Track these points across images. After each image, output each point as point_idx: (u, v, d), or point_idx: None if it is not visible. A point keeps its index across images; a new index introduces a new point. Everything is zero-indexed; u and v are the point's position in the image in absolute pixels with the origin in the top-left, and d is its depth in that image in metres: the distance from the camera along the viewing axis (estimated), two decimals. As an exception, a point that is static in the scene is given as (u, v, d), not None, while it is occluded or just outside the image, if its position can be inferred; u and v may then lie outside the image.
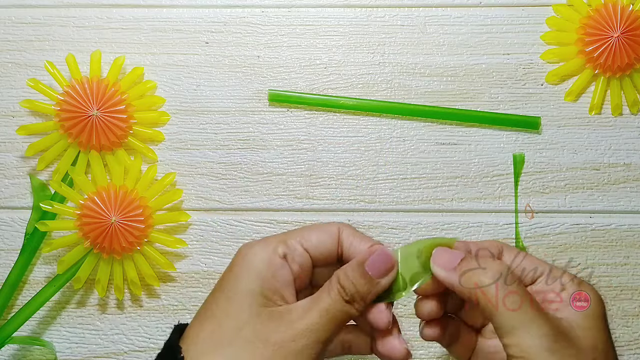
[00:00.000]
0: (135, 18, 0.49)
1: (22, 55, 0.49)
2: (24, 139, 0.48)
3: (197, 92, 0.49)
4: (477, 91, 0.48)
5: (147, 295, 0.48)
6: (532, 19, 0.49)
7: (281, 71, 0.49)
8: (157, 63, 0.49)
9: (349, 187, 0.48)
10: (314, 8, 0.49)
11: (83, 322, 0.47)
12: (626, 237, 0.47)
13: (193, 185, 0.48)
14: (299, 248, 0.33)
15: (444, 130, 0.48)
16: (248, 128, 0.49)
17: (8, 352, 0.47)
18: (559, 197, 0.48)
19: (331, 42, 0.49)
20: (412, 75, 0.49)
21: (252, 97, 0.49)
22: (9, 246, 0.48)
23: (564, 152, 0.48)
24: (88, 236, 0.45)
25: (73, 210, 0.46)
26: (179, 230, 0.48)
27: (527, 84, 0.48)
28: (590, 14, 0.47)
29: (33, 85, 0.47)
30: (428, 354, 0.47)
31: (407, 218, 0.48)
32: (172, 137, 0.48)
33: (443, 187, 0.48)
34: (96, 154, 0.47)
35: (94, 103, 0.46)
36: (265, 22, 0.49)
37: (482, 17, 0.49)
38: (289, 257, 0.33)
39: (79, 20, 0.49)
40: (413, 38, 0.49)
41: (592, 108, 0.48)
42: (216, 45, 0.49)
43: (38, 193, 0.47)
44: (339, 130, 0.48)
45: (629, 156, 0.48)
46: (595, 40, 0.46)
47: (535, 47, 0.49)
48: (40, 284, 0.47)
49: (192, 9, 0.49)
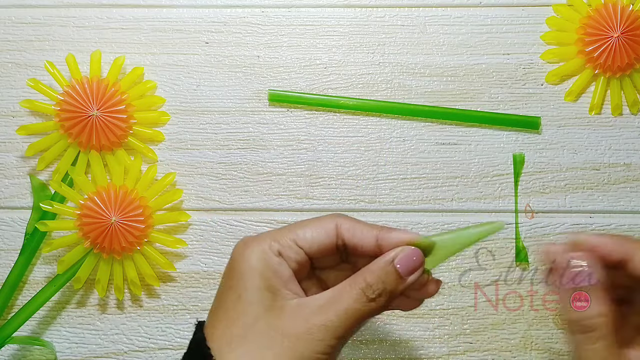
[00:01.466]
0: (135, 18, 0.49)
1: (22, 55, 0.49)
2: (24, 139, 0.48)
3: (197, 92, 0.49)
4: (477, 91, 0.48)
5: (147, 295, 0.48)
6: (532, 19, 0.49)
7: (281, 71, 0.49)
8: (157, 63, 0.49)
9: (349, 187, 0.48)
10: (314, 8, 0.49)
11: (83, 322, 0.47)
12: (626, 237, 0.47)
13: (193, 185, 0.48)
14: (293, 246, 0.33)
15: (444, 130, 0.48)
16: (248, 128, 0.49)
17: (8, 352, 0.47)
18: (559, 197, 0.48)
19: (331, 42, 0.49)
20: (412, 75, 0.49)
21: (252, 97, 0.49)
22: (9, 246, 0.48)
23: (564, 152, 0.48)
24: (88, 236, 0.45)
25: (73, 210, 0.46)
26: (179, 230, 0.48)
27: (527, 84, 0.48)
28: (590, 14, 0.47)
29: (33, 85, 0.47)
30: (428, 354, 0.47)
31: (407, 218, 0.48)
32: (172, 137, 0.48)
33: (443, 187, 0.48)
34: (96, 154, 0.47)
35: (94, 103, 0.46)
36: (265, 22, 0.49)
37: (482, 17, 0.49)
38: (285, 255, 0.33)
39: (79, 20, 0.49)
40: (413, 38, 0.49)
41: (592, 108, 0.48)
42: (216, 45, 0.49)
43: (38, 193, 0.47)
44: (339, 130, 0.48)
45: (629, 156, 0.48)
46: (595, 40, 0.46)
47: (535, 47, 0.49)
48: (40, 284, 0.47)
49: (192, 9, 0.49)
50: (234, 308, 0.32)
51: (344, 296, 0.32)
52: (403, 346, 0.47)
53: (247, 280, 0.32)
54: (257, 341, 0.31)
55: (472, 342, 0.47)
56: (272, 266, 0.33)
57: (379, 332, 0.47)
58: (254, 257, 0.33)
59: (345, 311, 0.31)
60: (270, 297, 0.32)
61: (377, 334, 0.47)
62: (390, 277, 0.32)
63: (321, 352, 0.31)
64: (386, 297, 0.32)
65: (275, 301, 0.32)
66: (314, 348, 0.31)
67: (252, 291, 0.32)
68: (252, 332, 0.31)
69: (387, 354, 0.47)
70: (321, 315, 0.31)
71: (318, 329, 0.31)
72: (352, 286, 0.32)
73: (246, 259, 0.33)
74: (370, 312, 0.32)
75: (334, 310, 0.31)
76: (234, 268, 0.33)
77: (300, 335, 0.31)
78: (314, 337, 0.31)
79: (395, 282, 0.32)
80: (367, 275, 0.32)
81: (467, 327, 0.47)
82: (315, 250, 0.34)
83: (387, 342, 0.47)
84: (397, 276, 0.32)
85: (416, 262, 0.33)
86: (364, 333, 0.47)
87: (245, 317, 0.32)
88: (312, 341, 0.31)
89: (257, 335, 0.31)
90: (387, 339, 0.47)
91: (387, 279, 0.32)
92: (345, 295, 0.32)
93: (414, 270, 0.33)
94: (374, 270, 0.32)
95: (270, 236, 0.34)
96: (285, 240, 0.33)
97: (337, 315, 0.31)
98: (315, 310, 0.32)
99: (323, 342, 0.31)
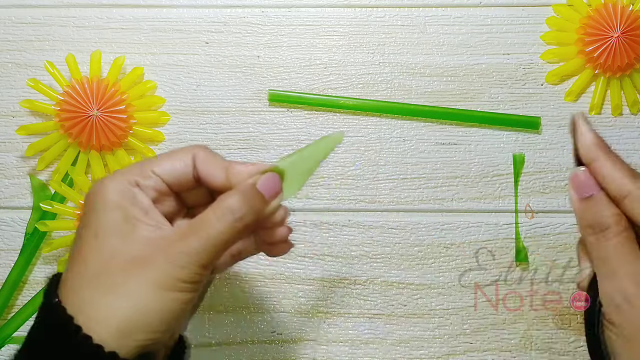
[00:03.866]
0: (135, 18, 0.49)
1: (22, 55, 0.49)
2: (24, 139, 0.48)
3: (197, 92, 0.49)
4: (477, 91, 0.48)
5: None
6: (532, 19, 0.49)
7: (281, 71, 0.49)
8: (157, 63, 0.49)
9: (349, 187, 0.48)
10: (314, 8, 0.49)
11: (83, 322, 0.47)
12: (626, 237, 0.47)
13: (193, 185, 0.48)
14: (151, 175, 0.32)
15: (444, 130, 0.48)
16: (248, 128, 0.49)
17: (8, 352, 0.47)
18: (559, 197, 0.48)
19: (331, 42, 0.49)
20: (412, 75, 0.49)
21: (252, 97, 0.49)
22: (9, 246, 0.48)
23: (564, 152, 0.48)
24: (88, 236, 0.45)
25: (73, 210, 0.46)
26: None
27: (527, 84, 0.48)
28: (590, 14, 0.47)
29: (33, 85, 0.47)
30: (428, 354, 0.47)
31: (407, 218, 0.48)
32: (172, 137, 0.48)
33: (443, 187, 0.48)
34: (96, 154, 0.47)
35: (94, 103, 0.46)
36: (265, 22, 0.49)
37: (482, 17, 0.49)
38: (142, 184, 0.32)
39: (79, 20, 0.49)
40: (413, 38, 0.49)
41: (592, 108, 0.48)
42: (216, 45, 0.49)
43: (38, 193, 0.47)
44: (339, 131, 0.48)
45: (629, 156, 0.48)
46: (595, 40, 0.46)
47: (535, 47, 0.49)
48: (40, 284, 0.47)
49: (192, 9, 0.49)
50: (89, 247, 0.30)
51: (206, 221, 0.30)
52: (403, 346, 0.47)
53: (102, 214, 0.31)
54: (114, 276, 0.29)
55: (472, 342, 0.47)
56: (128, 197, 0.31)
57: (379, 332, 0.47)
58: (109, 190, 0.31)
59: (207, 235, 0.30)
60: (129, 229, 0.30)
61: (377, 334, 0.47)
62: (255, 198, 0.32)
63: (184, 279, 0.29)
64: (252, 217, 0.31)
65: (134, 232, 0.30)
66: (176, 275, 0.29)
67: (109, 225, 0.30)
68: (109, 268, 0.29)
69: (387, 354, 0.47)
70: (182, 242, 0.30)
71: (178, 255, 0.29)
72: (215, 210, 0.31)
73: (101, 194, 0.31)
74: (233, 235, 0.31)
75: (197, 236, 0.30)
76: (89, 206, 0.31)
77: (160, 265, 0.29)
78: (176, 264, 0.29)
79: (260, 203, 0.32)
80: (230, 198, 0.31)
81: (467, 327, 0.47)
82: (174, 179, 0.33)
83: (387, 342, 0.47)
84: (262, 198, 0.32)
85: (276, 185, 0.33)
86: (364, 333, 0.47)
87: (101, 254, 0.30)
88: (173, 269, 0.29)
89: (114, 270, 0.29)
90: (387, 339, 0.47)
91: (252, 199, 0.31)
92: (207, 221, 0.30)
93: (276, 194, 0.33)
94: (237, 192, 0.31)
95: (125, 170, 0.33)
96: (141, 170, 0.32)
97: (199, 241, 0.30)
98: (176, 238, 0.30)
99: (185, 270, 0.29)
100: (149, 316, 0.29)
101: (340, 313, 0.47)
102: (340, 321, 0.47)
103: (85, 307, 0.29)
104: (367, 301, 0.47)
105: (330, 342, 0.47)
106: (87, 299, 0.29)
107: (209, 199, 0.34)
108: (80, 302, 0.29)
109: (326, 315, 0.47)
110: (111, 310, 0.29)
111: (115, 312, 0.29)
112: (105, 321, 0.28)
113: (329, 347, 0.47)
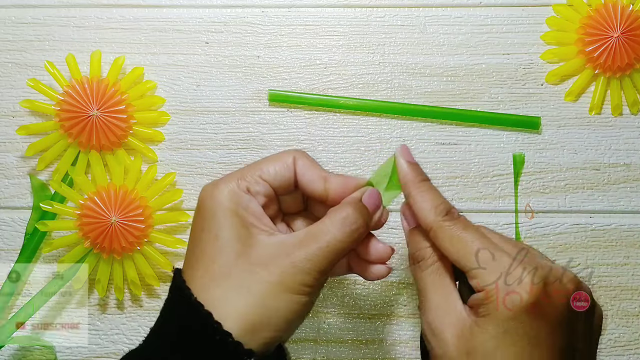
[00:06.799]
0: (135, 18, 0.49)
1: (22, 55, 0.49)
2: (24, 139, 0.48)
3: (197, 92, 0.49)
4: (477, 91, 0.48)
5: (147, 295, 0.48)
6: (532, 19, 0.49)
7: (281, 71, 0.49)
8: (157, 63, 0.49)
9: (349, 187, 0.48)
10: (314, 8, 0.49)
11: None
12: (626, 237, 0.47)
13: (193, 185, 0.48)
14: (260, 181, 0.34)
15: (444, 130, 0.48)
16: (248, 128, 0.49)
17: (8, 352, 0.47)
18: (559, 197, 0.48)
19: (331, 42, 0.49)
20: (412, 75, 0.49)
21: (252, 97, 0.49)
22: (9, 246, 0.48)
23: (564, 152, 0.48)
24: (88, 236, 0.45)
25: (73, 210, 0.46)
26: (179, 230, 0.48)
27: (527, 84, 0.48)
28: (590, 14, 0.47)
29: (33, 85, 0.47)
30: (428, 354, 0.47)
31: (407, 218, 0.48)
32: (172, 137, 0.48)
33: (443, 187, 0.48)
34: (96, 154, 0.47)
35: (94, 103, 0.46)
36: (265, 22, 0.49)
37: (482, 17, 0.49)
38: (252, 190, 0.34)
39: (79, 20, 0.49)
40: (413, 38, 0.49)
41: (592, 108, 0.48)
42: (216, 45, 0.49)
43: (38, 193, 0.47)
44: (339, 130, 0.48)
45: (629, 156, 0.48)
46: (595, 40, 0.46)
47: (535, 47, 0.49)
48: (40, 284, 0.47)
49: (192, 9, 0.49)
50: (212, 248, 0.32)
51: (325, 230, 0.32)
52: (403, 346, 0.47)
53: (220, 219, 0.32)
54: (241, 276, 0.31)
55: (472, 342, 0.47)
56: (243, 203, 0.33)
57: (379, 332, 0.47)
58: (224, 196, 0.33)
59: (327, 244, 0.32)
60: (247, 234, 0.32)
61: (377, 334, 0.47)
62: (364, 211, 0.34)
63: (306, 284, 0.31)
64: (364, 228, 0.33)
65: (252, 238, 0.32)
66: (300, 280, 0.31)
67: (228, 229, 0.32)
68: (235, 269, 0.31)
69: (387, 354, 0.47)
70: (304, 249, 0.32)
71: (302, 261, 0.31)
72: (333, 220, 0.33)
73: (216, 199, 0.33)
74: (350, 243, 0.33)
75: (318, 243, 0.32)
76: (206, 209, 0.33)
77: (285, 269, 0.31)
78: (300, 269, 0.31)
79: (367, 215, 0.34)
80: (345, 210, 0.33)
81: (467, 327, 0.47)
82: (279, 183, 0.34)
83: (387, 342, 0.47)
84: (368, 211, 0.34)
85: (378, 200, 0.35)
86: (364, 333, 0.47)
87: (225, 255, 0.32)
88: (297, 274, 0.31)
89: (240, 271, 0.31)
90: (387, 339, 0.47)
91: (362, 211, 0.34)
92: (326, 229, 0.32)
93: (377, 208, 0.35)
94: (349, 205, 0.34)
95: (235, 175, 0.34)
96: (251, 176, 0.34)
97: (320, 248, 0.32)
98: (297, 244, 0.32)
99: (308, 275, 0.31)
100: (275, 315, 0.31)
101: (340, 313, 0.47)
102: (340, 321, 0.47)
103: (217, 304, 0.30)
104: (367, 301, 0.47)
105: (330, 342, 0.47)
106: (218, 297, 0.31)
107: (303, 205, 0.37)
108: (213, 299, 0.31)
109: (326, 315, 0.47)
110: (242, 308, 0.30)
111: (246, 310, 0.30)
112: (237, 318, 0.30)
113: (329, 347, 0.47)
